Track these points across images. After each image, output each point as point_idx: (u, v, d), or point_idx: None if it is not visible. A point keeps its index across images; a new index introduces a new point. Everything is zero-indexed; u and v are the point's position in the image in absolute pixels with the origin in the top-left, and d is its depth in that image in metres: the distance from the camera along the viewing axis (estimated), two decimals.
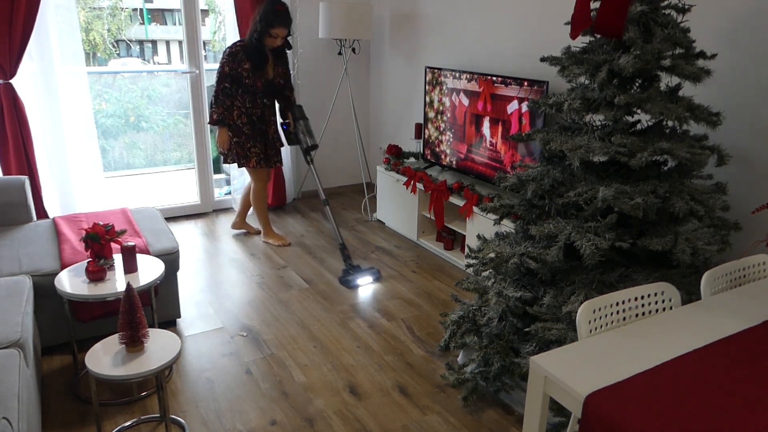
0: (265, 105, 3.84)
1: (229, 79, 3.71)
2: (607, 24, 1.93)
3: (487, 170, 3.68)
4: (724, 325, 1.64)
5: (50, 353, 2.78)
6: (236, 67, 3.70)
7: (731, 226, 2.23)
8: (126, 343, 2.00)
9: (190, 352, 2.82)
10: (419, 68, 4.63)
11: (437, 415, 2.39)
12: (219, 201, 4.88)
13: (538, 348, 2.21)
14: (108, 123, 5.82)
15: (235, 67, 3.70)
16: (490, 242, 2.43)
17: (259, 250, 4.06)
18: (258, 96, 3.79)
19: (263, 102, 3.83)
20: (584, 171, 2.23)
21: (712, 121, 2.16)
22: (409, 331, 3.03)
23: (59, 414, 2.37)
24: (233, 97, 3.76)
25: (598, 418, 1.29)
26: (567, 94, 2.28)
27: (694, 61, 2.17)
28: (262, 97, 3.81)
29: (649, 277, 2.09)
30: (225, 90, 3.73)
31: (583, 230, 2.08)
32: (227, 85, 3.72)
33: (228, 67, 3.70)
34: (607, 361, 1.47)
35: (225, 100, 3.75)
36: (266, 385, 2.58)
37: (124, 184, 5.80)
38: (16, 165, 3.78)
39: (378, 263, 3.86)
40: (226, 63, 3.70)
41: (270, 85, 3.83)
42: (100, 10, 6.15)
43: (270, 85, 3.83)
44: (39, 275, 2.57)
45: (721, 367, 1.44)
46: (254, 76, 3.73)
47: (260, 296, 3.39)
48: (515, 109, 3.39)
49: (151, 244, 2.88)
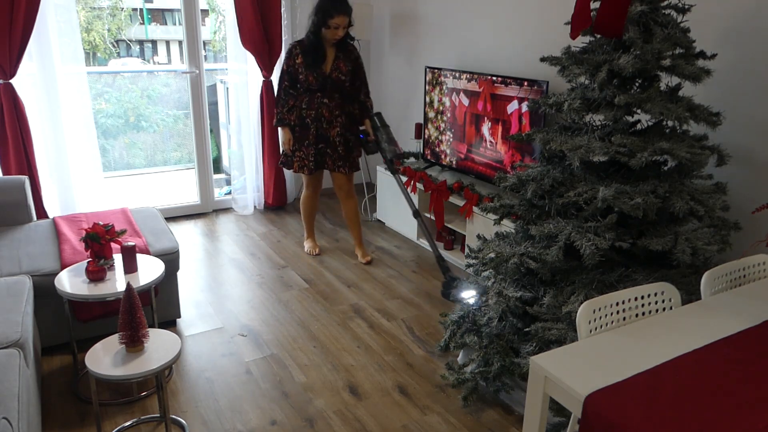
0: (323, 105, 3.57)
1: (287, 77, 3.57)
2: (607, 24, 1.92)
3: (487, 170, 3.68)
4: (724, 325, 1.64)
5: (50, 353, 2.77)
6: (292, 64, 3.54)
7: (731, 226, 2.23)
8: (126, 343, 2.00)
9: (190, 352, 2.82)
10: (419, 68, 4.63)
11: (437, 415, 2.39)
12: (219, 201, 4.88)
13: (538, 348, 2.21)
14: (108, 123, 5.82)
15: (291, 64, 3.55)
16: (490, 242, 2.43)
17: (259, 250, 4.06)
18: (315, 95, 3.57)
19: (321, 101, 3.57)
20: (584, 171, 2.23)
21: (712, 121, 2.16)
22: (409, 331, 3.03)
23: (59, 414, 2.37)
24: (295, 96, 3.61)
25: (598, 418, 1.29)
26: (567, 94, 2.28)
27: (694, 61, 2.17)
28: (321, 97, 3.57)
29: (649, 277, 2.09)
30: (286, 89, 3.60)
31: (583, 230, 2.08)
32: (287, 83, 3.59)
33: (286, 65, 3.56)
34: (607, 361, 1.47)
35: (287, 99, 3.61)
36: (266, 385, 2.58)
37: (124, 184, 5.80)
38: (16, 165, 3.78)
39: (378, 263, 3.86)
40: (285, 61, 3.58)
41: (327, 81, 3.53)
42: (100, 10, 6.15)
43: (327, 82, 3.54)
44: (39, 275, 2.57)
45: (721, 367, 1.44)
46: (307, 72, 3.51)
47: (260, 296, 3.39)
48: (515, 109, 3.39)
49: (151, 244, 2.88)
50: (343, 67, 3.55)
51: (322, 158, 3.68)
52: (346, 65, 3.56)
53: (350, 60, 3.59)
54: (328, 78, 3.53)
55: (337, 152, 3.66)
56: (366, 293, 3.45)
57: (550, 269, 2.21)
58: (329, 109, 3.58)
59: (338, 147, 3.65)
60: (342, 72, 3.55)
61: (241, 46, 4.43)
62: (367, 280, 3.62)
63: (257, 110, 4.66)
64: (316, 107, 3.57)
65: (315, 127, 3.60)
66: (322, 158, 3.68)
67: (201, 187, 4.73)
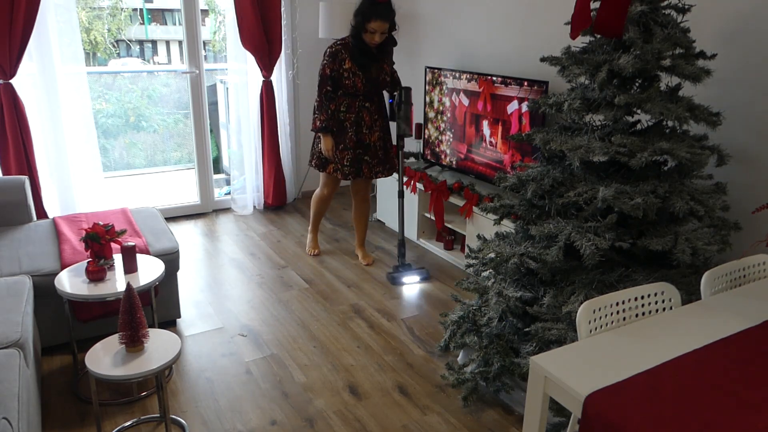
0: (364, 108, 3.47)
1: (330, 81, 3.40)
2: (607, 24, 1.92)
3: (487, 170, 3.68)
4: (724, 325, 1.64)
5: (50, 353, 2.77)
6: (337, 68, 3.37)
7: (731, 226, 2.23)
8: (126, 343, 2.00)
9: (190, 352, 2.82)
10: (419, 68, 4.63)
11: (437, 415, 2.39)
12: (219, 201, 4.88)
13: (538, 348, 2.21)
14: (108, 123, 5.82)
15: (336, 68, 3.37)
16: (490, 242, 2.43)
17: (259, 250, 4.06)
18: (358, 99, 3.45)
19: (363, 105, 3.47)
20: (584, 171, 2.23)
21: (712, 121, 2.16)
22: (409, 331, 3.03)
23: (59, 414, 2.37)
24: (334, 100, 3.47)
25: (598, 418, 1.29)
26: (567, 94, 2.28)
27: (694, 61, 2.17)
28: (363, 100, 3.46)
29: (649, 277, 2.09)
30: (327, 94, 3.43)
31: (583, 230, 2.08)
32: (329, 88, 3.41)
33: (329, 69, 3.38)
34: (607, 361, 1.47)
35: (329, 104, 3.45)
36: (266, 385, 2.58)
37: (124, 184, 5.80)
38: (16, 165, 3.78)
39: (378, 263, 3.86)
40: (327, 65, 3.38)
41: (373, 85, 3.45)
42: (100, 10, 6.15)
43: (373, 86, 3.45)
44: (39, 275, 2.57)
45: (721, 367, 1.44)
46: (355, 77, 3.38)
47: (260, 296, 3.39)
48: (515, 109, 3.39)
49: (151, 244, 2.88)
50: (387, 68, 3.49)
51: (359, 165, 3.55)
52: (389, 66, 3.50)
53: (390, 62, 3.53)
54: (376, 81, 3.45)
55: (377, 157, 3.57)
56: (366, 293, 3.45)
57: (550, 269, 2.21)
58: (370, 112, 3.50)
59: (378, 152, 3.58)
60: (387, 73, 3.49)
61: (241, 46, 4.43)
62: (367, 280, 3.62)
63: (257, 110, 4.66)
64: (356, 111, 3.47)
65: (354, 131, 3.49)
66: (359, 165, 3.55)
67: (201, 187, 4.73)
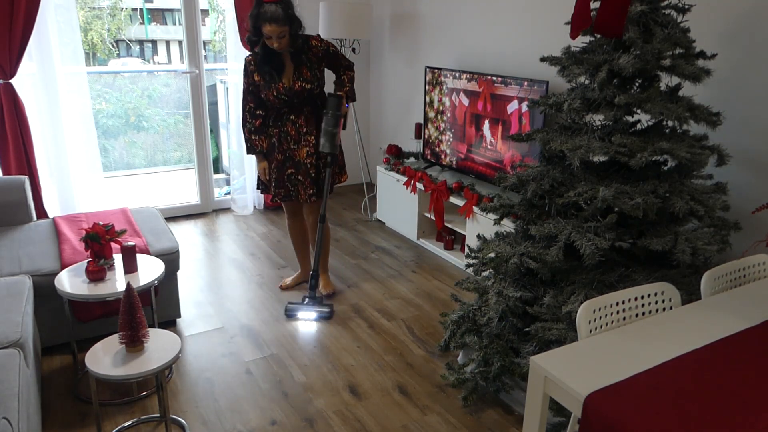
0: (288, 121, 3.06)
1: (251, 96, 3.06)
2: (607, 24, 1.92)
3: (487, 170, 3.68)
4: (724, 325, 1.64)
5: (50, 353, 2.77)
6: (251, 82, 3.03)
7: (731, 226, 2.23)
8: (126, 343, 2.00)
9: (190, 352, 2.82)
10: (419, 68, 4.63)
11: (437, 415, 2.39)
12: (219, 201, 4.88)
13: (538, 348, 2.21)
14: (108, 123, 5.82)
15: (251, 82, 3.03)
16: (490, 242, 2.43)
17: (259, 250, 4.06)
18: (282, 110, 3.06)
19: (288, 118, 3.06)
20: (584, 171, 2.23)
21: (712, 121, 2.16)
22: (409, 331, 3.03)
23: (59, 414, 2.37)
24: (263, 117, 3.10)
25: (598, 418, 1.29)
26: (567, 94, 2.28)
27: (694, 61, 2.17)
28: (288, 113, 3.05)
29: (649, 277, 2.09)
30: (251, 111, 3.08)
31: (583, 230, 2.08)
32: (251, 104, 3.07)
33: (245, 84, 3.05)
34: (607, 361, 1.47)
35: (253, 122, 3.08)
36: (266, 385, 2.58)
37: (124, 184, 5.80)
38: (16, 165, 3.78)
39: (378, 263, 3.86)
40: (243, 79, 3.06)
41: (290, 95, 2.98)
42: (99, 10, 6.15)
43: (291, 96, 2.98)
44: (39, 275, 2.57)
45: (721, 367, 1.44)
46: (267, 89, 2.98)
47: (260, 296, 3.39)
48: (515, 109, 3.39)
49: (151, 244, 2.88)
50: (306, 73, 2.97)
51: (293, 187, 3.14)
52: (310, 70, 2.98)
53: (316, 60, 3.00)
54: (290, 91, 2.98)
55: (309, 177, 3.09)
56: (366, 293, 3.44)
57: (550, 269, 2.21)
58: (296, 126, 3.06)
59: (310, 170, 3.09)
60: (306, 79, 2.97)
61: (241, 46, 4.43)
62: (367, 280, 3.62)
63: None
64: (280, 124, 3.08)
65: (281, 149, 3.10)
66: (293, 187, 3.14)
67: (201, 187, 4.73)
